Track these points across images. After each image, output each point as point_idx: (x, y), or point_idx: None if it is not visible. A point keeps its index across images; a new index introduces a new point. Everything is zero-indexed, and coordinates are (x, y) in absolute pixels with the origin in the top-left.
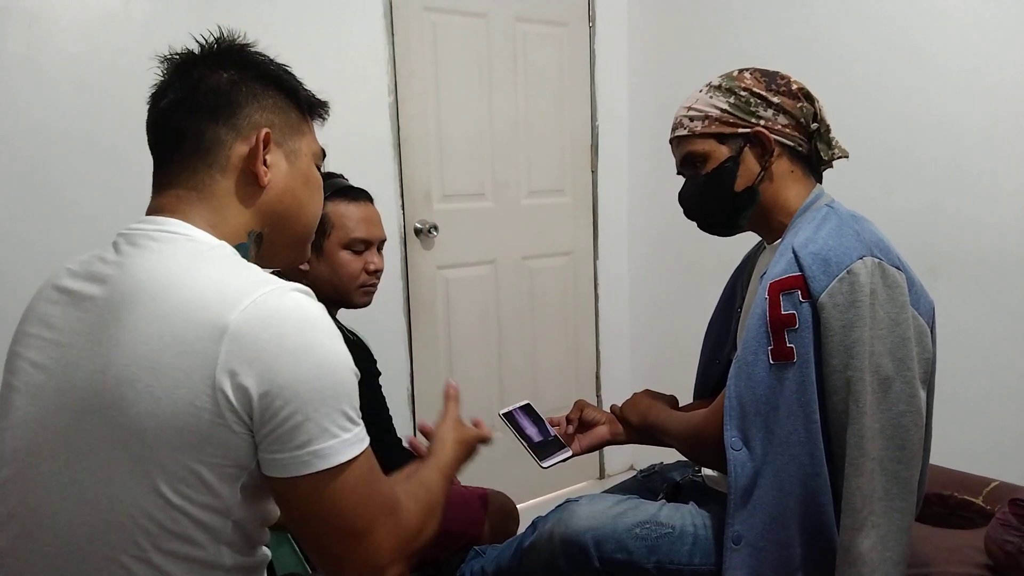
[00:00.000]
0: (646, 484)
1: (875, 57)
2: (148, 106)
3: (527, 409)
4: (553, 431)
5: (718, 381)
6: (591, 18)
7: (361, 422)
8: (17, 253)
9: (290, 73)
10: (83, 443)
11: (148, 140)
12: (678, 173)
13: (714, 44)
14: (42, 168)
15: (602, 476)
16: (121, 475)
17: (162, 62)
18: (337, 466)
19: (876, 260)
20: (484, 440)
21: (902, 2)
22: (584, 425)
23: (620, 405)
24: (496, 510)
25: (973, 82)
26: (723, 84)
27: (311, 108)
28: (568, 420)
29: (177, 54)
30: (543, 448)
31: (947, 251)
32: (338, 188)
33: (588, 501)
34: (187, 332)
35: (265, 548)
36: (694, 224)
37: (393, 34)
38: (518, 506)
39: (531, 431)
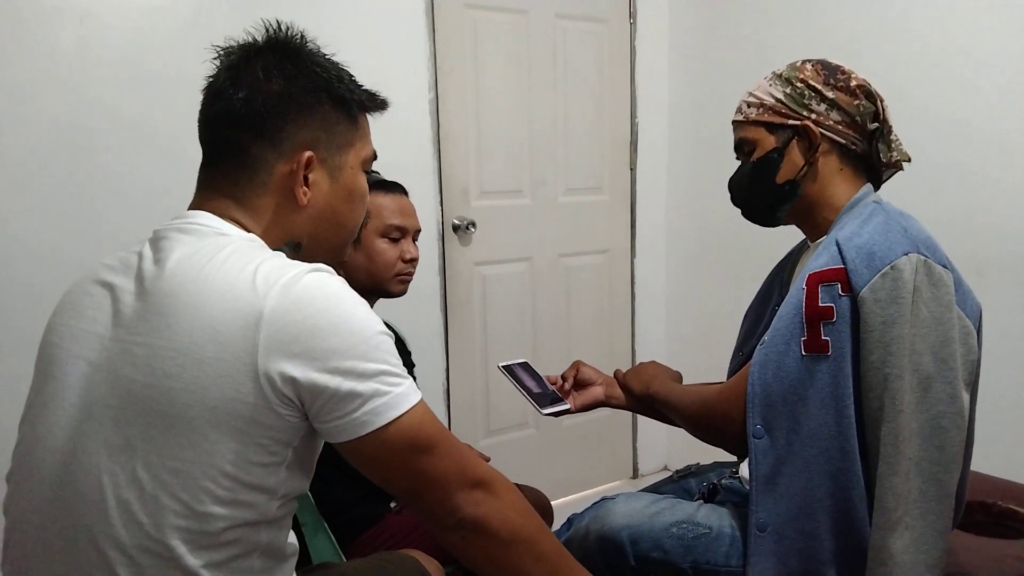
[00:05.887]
0: (682, 485)
1: (916, 63)
2: (202, 100)
3: (525, 366)
4: (551, 388)
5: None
6: (632, 14)
7: (408, 377)
8: (72, 240)
9: (342, 76)
10: (131, 433)
11: (199, 136)
12: (736, 157)
13: (755, 42)
14: (93, 159)
15: (635, 476)
16: (170, 463)
17: (217, 56)
18: (396, 419)
19: (922, 257)
20: None
21: (943, 9)
22: (580, 384)
23: (624, 371)
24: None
25: (1015, 87)
26: (784, 73)
27: (364, 108)
28: (563, 377)
29: (232, 50)
30: (542, 398)
31: (991, 257)
32: (373, 182)
33: (625, 499)
34: (225, 323)
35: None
36: (734, 224)
37: (434, 31)
38: (552, 503)
39: (530, 383)
